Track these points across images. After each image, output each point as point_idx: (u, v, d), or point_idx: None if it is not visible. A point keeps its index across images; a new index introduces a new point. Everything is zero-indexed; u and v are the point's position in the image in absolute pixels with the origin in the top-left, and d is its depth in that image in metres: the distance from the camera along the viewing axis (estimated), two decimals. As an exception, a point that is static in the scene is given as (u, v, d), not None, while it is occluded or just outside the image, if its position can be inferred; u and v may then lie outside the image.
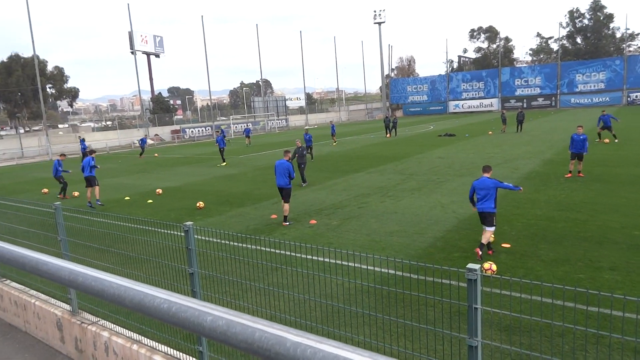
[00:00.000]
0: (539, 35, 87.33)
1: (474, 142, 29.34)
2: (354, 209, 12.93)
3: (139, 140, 38.80)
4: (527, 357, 4.96)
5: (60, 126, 73.77)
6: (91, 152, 16.40)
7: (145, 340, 5.96)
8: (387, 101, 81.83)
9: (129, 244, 6.49)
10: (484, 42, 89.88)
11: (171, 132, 55.51)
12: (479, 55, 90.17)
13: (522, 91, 71.22)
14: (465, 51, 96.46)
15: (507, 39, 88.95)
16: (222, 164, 25.97)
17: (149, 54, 64.65)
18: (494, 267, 7.47)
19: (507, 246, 8.96)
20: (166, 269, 6.01)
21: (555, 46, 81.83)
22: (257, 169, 23.16)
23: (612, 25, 77.95)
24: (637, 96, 62.82)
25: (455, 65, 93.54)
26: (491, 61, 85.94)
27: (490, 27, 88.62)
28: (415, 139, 35.08)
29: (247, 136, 42.23)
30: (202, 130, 57.24)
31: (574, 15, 78.88)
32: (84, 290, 0.97)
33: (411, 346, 5.02)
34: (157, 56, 65.66)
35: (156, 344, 5.82)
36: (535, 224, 10.31)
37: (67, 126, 72.90)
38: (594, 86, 65.98)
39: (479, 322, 3.36)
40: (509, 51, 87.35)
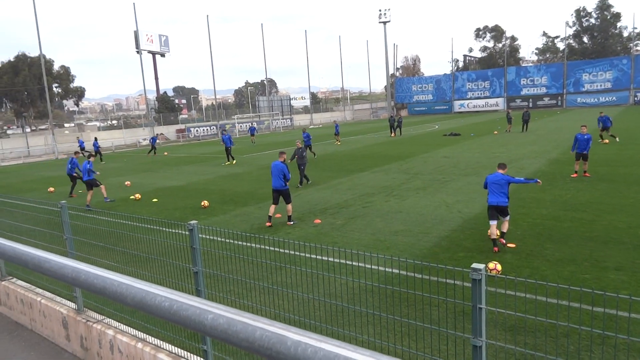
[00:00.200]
0: (545, 34, 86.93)
1: (479, 141, 29.23)
2: (359, 208, 12.92)
3: (150, 138, 39.44)
4: (532, 357, 4.94)
5: (66, 125, 74.18)
6: (89, 157, 16.25)
7: (149, 338, 5.98)
8: (392, 100, 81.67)
9: (134, 242, 6.52)
10: (489, 42, 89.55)
11: (176, 131, 55.71)
12: (484, 54, 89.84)
13: (528, 91, 70.86)
14: (470, 50, 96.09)
15: (513, 38, 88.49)
16: (226, 163, 26.06)
17: (154, 54, 64.92)
18: (499, 267, 7.44)
19: (513, 246, 8.93)
20: (171, 268, 6.03)
21: (561, 45, 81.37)
22: (261, 168, 23.18)
23: (619, 24, 77.45)
24: (644, 95, 62.40)
25: (460, 64, 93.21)
26: (497, 60, 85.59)
27: (496, 26, 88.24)
28: (420, 138, 34.99)
29: (252, 135, 42.51)
30: (207, 129, 57.45)
31: (580, 14, 78.40)
32: (87, 288, 0.97)
33: (415, 346, 5.02)
34: (163, 55, 65.91)
35: (161, 342, 5.84)
36: (540, 224, 10.27)
37: (73, 125, 73.36)
38: (601, 86, 65.54)
39: (483, 322, 3.35)
40: (514, 50, 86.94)
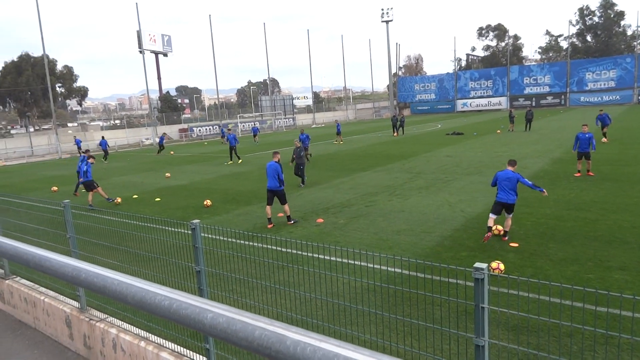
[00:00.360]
0: (548, 33, 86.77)
1: (482, 140, 29.17)
2: (361, 208, 12.91)
3: (159, 137, 39.65)
4: (535, 357, 4.92)
5: (69, 125, 74.37)
6: (90, 158, 15.97)
7: (152, 337, 6.00)
8: (394, 100, 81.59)
9: (136, 241, 6.53)
10: (492, 40, 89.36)
11: (179, 130, 55.81)
12: (487, 53, 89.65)
13: (531, 89, 70.67)
14: (473, 49, 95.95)
15: (516, 37, 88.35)
16: (229, 162, 26.10)
17: (157, 53, 64.97)
18: (502, 267, 7.42)
19: (516, 245, 8.90)
20: (173, 267, 6.04)
21: (564, 44, 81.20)
22: (264, 168, 23.01)
23: (622, 22, 77.25)
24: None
25: (463, 63, 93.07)
26: (500, 59, 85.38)
27: (499, 25, 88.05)
28: (422, 137, 34.94)
29: (255, 134, 42.68)
30: (209, 129, 57.53)
31: (584, 12, 78.16)
32: (87, 286, 0.97)
33: (417, 345, 5.01)
34: (165, 55, 65.96)
35: (163, 341, 5.85)
36: (544, 223, 10.23)
37: (76, 125, 73.53)
38: (604, 84, 65.28)
39: (486, 321, 3.34)
40: (517, 49, 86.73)
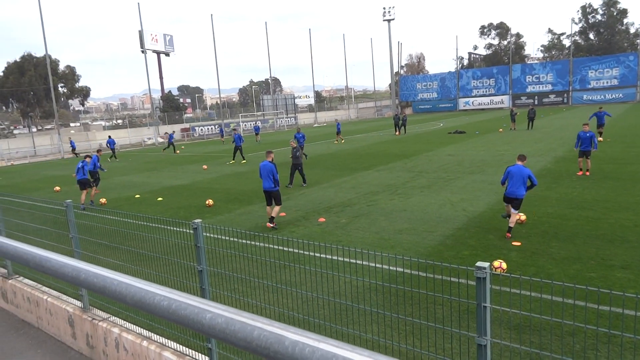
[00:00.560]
0: (550, 31, 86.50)
1: (484, 139, 29.12)
2: (363, 207, 12.91)
3: (168, 136, 39.90)
4: (537, 356, 4.92)
5: (72, 125, 74.55)
6: (87, 157, 16.63)
7: (155, 336, 6.01)
8: (396, 99, 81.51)
9: (139, 241, 6.55)
10: (494, 39, 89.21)
11: (181, 130, 55.86)
12: (489, 51, 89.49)
13: (534, 88, 70.49)
14: (475, 48, 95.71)
15: (518, 35, 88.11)
16: (231, 162, 26.17)
17: (159, 53, 64.99)
18: (504, 266, 7.41)
19: (518, 244, 8.89)
20: (175, 267, 6.05)
21: (567, 42, 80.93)
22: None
23: (625, 20, 76.96)
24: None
25: (465, 62, 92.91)
26: (502, 58, 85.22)
27: (501, 23, 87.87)
28: (424, 136, 34.90)
29: (257, 134, 42.81)
30: (211, 128, 57.56)
31: (586, 10, 77.91)
32: (87, 287, 0.98)
33: (419, 344, 5.01)
34: (167, 55, 65.97)
35: (166, 340, 5.86)
36: (546, 222, 10.21)
37: (78, 125, 73.74)
38: (607, 83, 65.06)
39: (488, 320, 3.33)
40: (520, 48, 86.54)
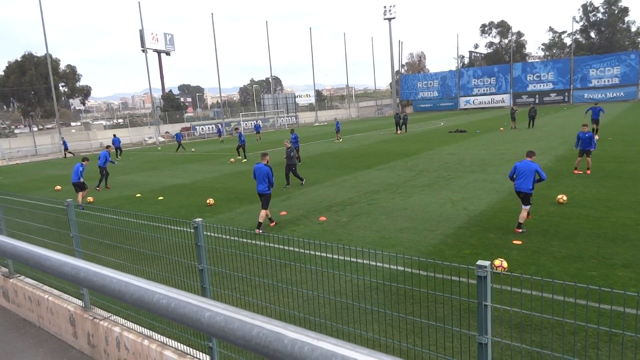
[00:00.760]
0: (551, 29, 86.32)
1: (485, 138, 29.09)
2: (364, 206, 12.90)
3: (175, 135, 39.82)
4: (538, 354, 4.92)
5: (72, 124, 74.61)
6: (84, 160, 16.76)
7: (156, 335, 6.02)
8: (397, 97, 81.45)
9: (140, 240, 6.55)
10: (495, 37, 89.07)
11: (182, 129, 55.85)
12: (490, 50, 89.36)
13: (535, 87, 70.38)
14: (476, 46, 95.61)
15: (519, 34, 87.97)
16: (231, 161, 26.22)
17: (159, 52, 65.09)
18: (505, 264, 7.41)
19: (519, 243, 8.88)
20: (176, 266, 6.05)
21: (568, 41, 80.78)
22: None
23: (627, 19, 76.71)
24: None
25: (466, 60, 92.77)
26: (503, 56, 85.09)
27: (502, 21, 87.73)
28: (425, 135, 34.88)
29: (257, 132, 42.95)
30: (212, 127, 57.56)
31: (587, 9, 77.74)
32: (86, 285, 0.97)
33: (420, 343, 5.01)
34: (168, 54, 66.05)
35: (167, 339, 5.87)
36: (547, 221, 10.20)
37: (79, 124, 73.80)
38: (608, 81, 64.94)
39: (489, 319, 3.33)
40: (521, 46, 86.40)
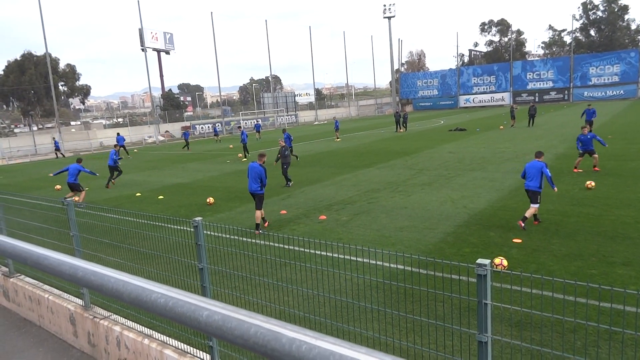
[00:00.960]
0: (551, 28, 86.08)
1: (485, 136, 29.09)
2: (364, 205, 12.90)
3: (183, 133, 39.89)
4: (538, 353, 4.92)
5: (72, 123, 74.54)
6: (79, 160, 16.79)
7: (156, 334, 6.02)
8: (397, 96, 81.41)
9: (140, 239, 6.55)
10: (495, 36, 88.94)
11: (181, 128, 55.82)
12: (490, 48, 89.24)
13: (534, 85, 70.34)
14: (476, 45, 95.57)
15: (519, 32, 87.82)
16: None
17: (159, 51, 64.97)
18: (505, 263, 7.41)
19: (519, 241, 8.89)
20: (177, 265, 6.05)
21: (568, 39, 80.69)
22: (266, 165, 23.17)
23: (626, 17, 76.59)
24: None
25: (466, 59, 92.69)
26: (502, 55, 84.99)
27: (501, 20, 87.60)
28: (425, 133, 34.87)
29: (258, 131, 42.97)
30: (212, 126, 57.52)
31: (587, 7, 77.63)
32: (84, 284, 0.97)
33: (420, 341, 5.01)
34: (168, 53, 65.93)
35: (167, 338, 5.87)
36: (547, 219, 10.21)
37: (79, 123, 73.76)
38: (608, 79, 64.88)
39: (489, 317, 3.33)
40: (520, 44, 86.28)
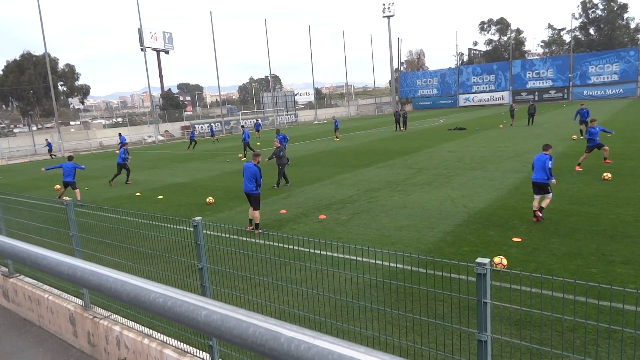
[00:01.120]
0: (550, 26, 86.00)
1: (484, 135, 29.09)
2: (364, 204, 12.91)
3: (191, 132, 40.01)
4: (538, 351, 4.92)
5: (72, 123, 74.45)
6: (70, 158, 16.89)
7: (156, 334, 6.02)
8: (396, 95, 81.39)
9: (139, 239, 6.55)
10: (494, 34, 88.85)
11: (181, 128, 55.80)
12: (489, 47, 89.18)
13: (534, 84, 70.35)
14: (475, 44, 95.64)
15: (519, 31, 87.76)
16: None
17: (158, 51, 64.89)
18: (505, 262, 7.42)
19: (518, 240, 8.89)
20: (176, 264, 6.05)
21: (567, 38, 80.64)
22: (266, 164, 23.17)
23: (626, 15, 76.50)
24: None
25: (465, 58, 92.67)
26: (502, 54, 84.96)
27: (501, 18, 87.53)
28: (425, 133, 34.87)
29: (257, 131, 43.05)
30: (207, 126, 57.50)
31: (586, 5, 77.55)
32: (83, 284, 0.97)
33: (420, 340, 5.01)
34: (167, 52, 65.86)
35: (167, 338, 5.87)
36: (547, 218, 10.20)
37: (78, 123, 73.69)
38: (607, 78, 64.90)
39: (488, 316, 3.34)
40: (520, 43, 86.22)
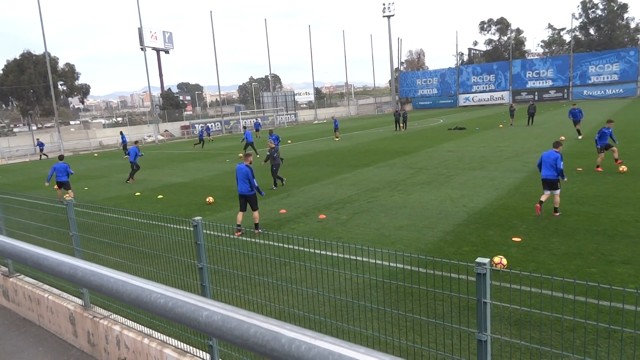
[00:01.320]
0: (550, 26, 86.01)
1: (484, 135, 29.09)
2: (363, 204, 12.91)
3: (199, 131, 40.12)
4: (537, 351, 4.92)
5: (72, 122, 74.43)
6: (61, 158, 17.00)
7: (156, 334, 6.03)
8: (396, 95, 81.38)
9: (139, 239, 6.55)
10: (494, 34, 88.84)
11: (181, 127, 55.80)
12: (489, 47, 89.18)
13: (534, 83, 70.36)
14: (475, 44, 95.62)
15: (519, 31, 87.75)
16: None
17: (158, 50, 64.92)
18: (504, 261, 7.42)
19: (518, 240, 8.89)
20: (176, 264, 6.06)
21: (567, 37, 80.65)
22: (262, 167, 23.16)
23: (626, 15, 76.51)
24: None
25: (465, 58, 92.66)
26: (502, 53, 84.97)
27: (501, 18, 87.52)
28: (425, 132, 34.88)
29: (257, 130, 43.11)
30: (211, 125, 57.49)
31: (587, 5, 77.55)
32: (84, 284, 0.98)
33: (420, 340, 5.01)
34: (167, 52, 65.89)
35: (167, 337, 5.88)
36: (547, 218, 10.21)
37: (78, 122, 73.66)
38: (607, 78, 64.92)
39: (488, 316, 3.34)
40: (520, 43, 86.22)
